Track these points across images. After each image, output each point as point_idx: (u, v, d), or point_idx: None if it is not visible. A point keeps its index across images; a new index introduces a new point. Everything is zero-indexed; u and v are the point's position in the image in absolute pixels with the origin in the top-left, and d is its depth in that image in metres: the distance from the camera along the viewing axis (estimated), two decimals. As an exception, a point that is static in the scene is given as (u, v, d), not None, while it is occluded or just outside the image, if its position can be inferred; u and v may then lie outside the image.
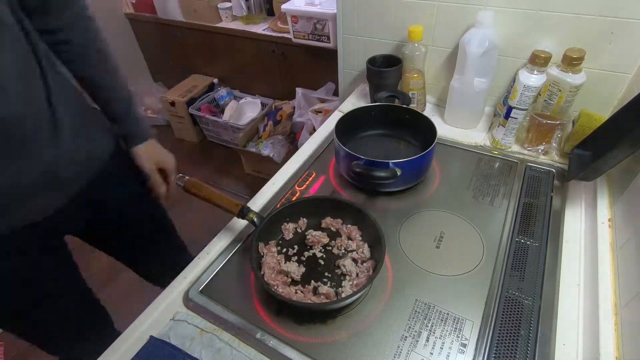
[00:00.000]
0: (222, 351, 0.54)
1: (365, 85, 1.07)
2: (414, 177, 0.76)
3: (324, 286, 0.58)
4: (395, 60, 0.94)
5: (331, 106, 1.71)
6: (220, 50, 2.03)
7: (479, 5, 0.82)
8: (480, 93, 0.86)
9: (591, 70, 0.77)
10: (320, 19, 1.42)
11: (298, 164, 0.86)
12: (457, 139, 0.89)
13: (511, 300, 0.58)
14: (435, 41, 0.93)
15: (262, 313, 0.58)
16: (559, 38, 0.78)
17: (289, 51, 1.77)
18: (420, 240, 0.68)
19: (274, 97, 2.09)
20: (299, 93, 1.85)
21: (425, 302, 0.58)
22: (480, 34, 0.78)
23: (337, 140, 0.75)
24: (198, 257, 0.68)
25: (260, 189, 0.81)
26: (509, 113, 0.79)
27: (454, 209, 0.72)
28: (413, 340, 0.54)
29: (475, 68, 0.81)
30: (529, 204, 0.73)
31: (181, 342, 0.55)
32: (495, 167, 0.82)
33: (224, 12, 1.85)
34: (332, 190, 0.80)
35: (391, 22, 0.95)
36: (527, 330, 0.54)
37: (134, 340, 0.56)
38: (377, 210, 0.74)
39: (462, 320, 0.56)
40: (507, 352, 0.52)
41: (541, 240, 0.66)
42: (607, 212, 0.67)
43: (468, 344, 0.53)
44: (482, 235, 0.67)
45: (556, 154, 0.82)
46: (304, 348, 0.53)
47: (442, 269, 0.63)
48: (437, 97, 1.03)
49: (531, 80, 0.74)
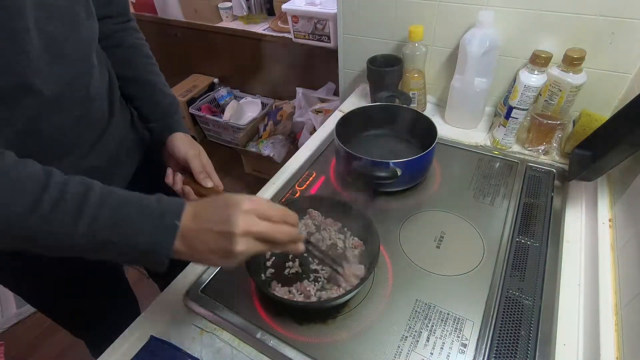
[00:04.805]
0: (222, 351, 0.54)
1: (365, 85, 1.07)
2: (415, 177, 0.76)
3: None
4: (395, 60, 0.94)
5: (331, 106, 1.71)
6: (220, 50, 2.03)
7: (480, 5, 0.82)
8: (480, 93, 0.85)
9: (592, 70, 0.77)
10: (320, 19, 1.42)
11: (298, 164, 0.86)
12: (458, 139, 0.89)
13: (511, 301, 0.58)
14: (435, 41, 0.93)
15: (262, 313, 0.58)
16: (559, 38, 0.78)
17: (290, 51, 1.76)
18: (420, 240, 0.67)
19: (274, 97, 2.09)
20: (300, 93, 1.85)
21: (426, 302, 0.58)
22: (481, 34, 0.78)
23: (337, 140, 0.75)
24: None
25: (261, 188, 0.81)
26: (509, 113, 0.79)
27: (455, 209, 0.72)
28: (413, 340, 0.54)
29: (475, 68, 0.81)
30: (530, 204, 0.73)
31: (181, 342, 0.55)
32: (496, 167, 0.82)
33: (224, 11, 1.85)
34: (332, 191, 0.80)
35: (391, 21, 0.95)
36: (528, 330, 0.54)
37: (134, 340, 0.56)
38: (378, 210, 0.74)
39: (463, 320, 0.56)
40: (508, 352, 0.52)
41: (542, 241, 0.66)
42: (608, 212, 0.67)
43: (468, 344, 0.53)
44: (483, 236, 0.67)
45: (557, 154, 0.82)
46: (304, 348, 0.53)
47: (443, 269, 0.63)
48: (437, 97, 1.03)
49: (532, 80, 0.74)
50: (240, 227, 0.40)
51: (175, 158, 0.65)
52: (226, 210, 0.41)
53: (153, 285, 1.05)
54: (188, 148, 0.65)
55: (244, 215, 0.40)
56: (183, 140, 0.66)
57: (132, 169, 0.71)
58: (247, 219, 0.40)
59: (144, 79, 0.69)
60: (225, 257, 0.41)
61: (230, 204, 0.41)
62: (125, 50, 0.68)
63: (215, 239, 0.40)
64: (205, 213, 0.41)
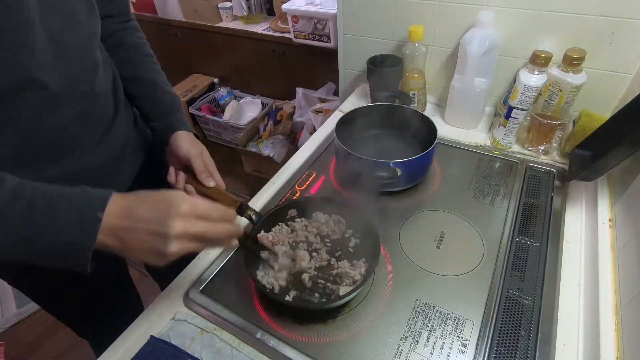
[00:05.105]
0: (223, 351, 0.54)
1: (365, 85, 1.07)
2: (415, 177, 0.76)
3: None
4: (395, 60, 0.94)
5: (332, 106, 1.71)
6: (220, 50, 2.03)
7: (480, 5, 0.82)
8: (480, 93, 0.85)
9: (592, 70, 0.77)
10: (320, 19, 1.42)
11: (298, 164, 0.86)
12: (458, 139, 0.89)
13: (511, 301, 0.58)
14: (435, 41, 0.93)
15: (262, 313, 0.58)
16: (559, 38, 0.78)
17: (290, 51, 1.77)
18: (420, 240, 0.67)
19: (275, 97, 2.09)
20: (300, 93, 1.85)
21: (426, 302, 0.58)
22: (481, 34, 0.78)
23: (337, 140, 0.75)
24: (198, 257, 0.68)
25: (261, 188, 0.81)
26: (509, 113, 0.79)
27: (455, 209, 0.72)
28: (413, 340, 0.54)
29: (475, 68, 0.81)
30: (530, 204, 0.73)
31: (181, 342, 0.55)
32: (496, 167, 0.82)
33: (224, 11, 1.85)
34: (332, 190, 0.80)
35: (391, 21, 0.95)
36: (528, 330, 0.54)
37: (134, 340, 0.56)
38: (378, 210, 0.74)
39: (463, 320, 0.56)
40: (508, 352, 0.52)
41: (542, 241, 0.66)
42: (608, 212, 0.67)
43: (468, 344, 0.53)
44: (483, 236, 0.67)
45: (557, 154, 0.82)
46: (304, 348, 0.53)
47: (443, 269, 0.63)
48: (437, 97, 1.03)
49: (532, 80, 0.74)
50: (176, 229, 0.39)
51: (177, 157, 0.65)
52: (163, 211, 0.40)
53: (154, 285, 1.05)
54: (190, 147, 0.65)
55: (181, 218, 0.40)
56: (185, 139, 0.66)
57: (135, 168, 0.71)
58: (184, 221, 0.40)
59: (145, 78, 0.69)
60: (157, 257, 0.41)
61: (167, 203, 0.41)
62: (126, 49, 0.68)
63: (149, 239, 0.40)
64: (140, 211, 0.40)
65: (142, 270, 1.45)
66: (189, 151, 0.63)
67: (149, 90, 0.70)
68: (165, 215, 0.40)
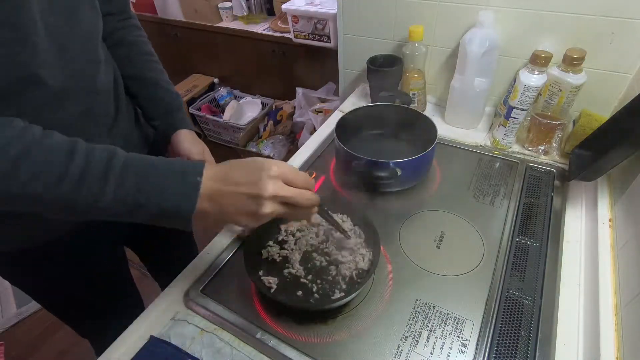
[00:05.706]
0: (223, 351, 0.54)
1: (365, 85, 1.07)
2: (415, 176, 0.76)
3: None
4: (395, 60, 0.94)
5: (332, 106, 1.71)
6: (220, 50, 2.03)
7: (480, 5, 0.82)
8: (480, 93, 0.85)
9: (592, 70, 0.77)
10: (320, 19, 1.42)
11: (298, 164, 0.86)
12: (458, 139, 0.89)
13: (511, 301, 0.58)
14: (435, 41, 0.93)
15: (262, 313, 0.58)
16: (559, 38, 0.78)
17: (290, 51, 1.77)
18: (420, 240, 0.67)
19: (275, 97, 2.09)
20: (300, 93, 1.85)
21: (426, 302, 0.58)
22: (481, 34, 0.78)
23: (337, 140, 0.75)
24: (199, 257, 0.68)
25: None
26: (509, 113, 0.79)
27: (455, 209, 0.72)
28: (413, 340, 0.54)
29: (475, 68, 0.81)
30: (530, 204, 0.73)
31: (181, 342, 0.55)
32: (496, 167, 0.82)
33: (224, 11, 1.85)
34: (332, 191, 0.80)
35: (392, 21, 0.95)
36: (528, 330, 0.54)
37: (134, 340, 0.56)
38: (378, 210, 0.74)
39: (463, 320, 0.56)
40: (508, 353, 0.52)
41: (542, 241, 0.66)
42: (608, 212, 0.67)
43: (468, 344, 0.53)
44: (483, 236, 0.67)
45: (557, 154, 0.82)
46: (304, 348, 0.53)
47: (443, 269, 0.63)
48: (437, 97, 1.03)
49: (532, 80, 0.74)
50: (269, 190, 0.42)
51: (179, 155, 0.65)
52: (255, 174, 0.42)
53: (154, 285, 1.05)
54: (192, 146, 0.65)
55: (272, 180, 0.42)
56: (187, 138, 0.66)
57: None
58: (275, 183, 0.42)
59: (146, 77, 0.69)
60: (251, 218, 0.43)
61: (259, 167, 0.43)
62: (126, 47, 0.68)
63: (244, 201, 0.42)
64: (234, 175, 0.43)
65: (142, 270, 1.45)
66: (191, 150, 0.64)
67: (149, 89, 0.69)
68: (259, 178, 0.42)
